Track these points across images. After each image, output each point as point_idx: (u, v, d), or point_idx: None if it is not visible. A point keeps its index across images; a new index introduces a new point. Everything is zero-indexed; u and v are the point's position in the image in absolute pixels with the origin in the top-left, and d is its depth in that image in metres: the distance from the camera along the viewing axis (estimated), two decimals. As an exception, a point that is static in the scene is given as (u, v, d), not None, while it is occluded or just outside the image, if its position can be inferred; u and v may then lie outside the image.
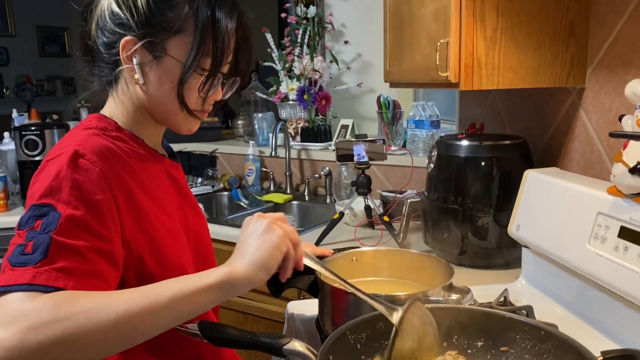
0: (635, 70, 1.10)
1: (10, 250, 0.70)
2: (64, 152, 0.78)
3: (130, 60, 0.84)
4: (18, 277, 0.66)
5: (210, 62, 0.85)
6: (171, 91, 0.85)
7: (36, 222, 0.71)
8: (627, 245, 0.93)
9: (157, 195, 0.88)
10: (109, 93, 0.91)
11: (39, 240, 0.69)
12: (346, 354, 0.79)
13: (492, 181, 1.35)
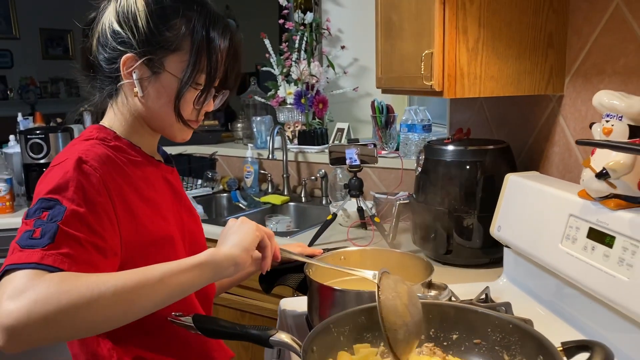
0: (608, 79, 1.17)
1: (18, 236, 0.76)
2: (69, 157, 0.85)
3: (130, 75, 0.91)
4: (27, 257, 0.72)
5: (204, 78, 0.93)
6: (168, 104, 0.92)
7: (43, 213, 0.78)
8: (594, 245, 0.99)
9: (153, 199, 0.95)
10: (108, 104, 0.98)
11: (46, 227, 0.76)
12: (329, 345, 0.85)
13: (476, 184, 1.42)
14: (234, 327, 0.82)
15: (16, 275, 0.71)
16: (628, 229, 0.92)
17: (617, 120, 0.95)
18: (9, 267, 0.72)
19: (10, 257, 0.74)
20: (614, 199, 0.97)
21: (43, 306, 0.68)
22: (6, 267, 0.72)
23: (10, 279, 0.71)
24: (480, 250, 1.44)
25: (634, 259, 0.90)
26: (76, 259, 0.76)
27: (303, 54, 2.54)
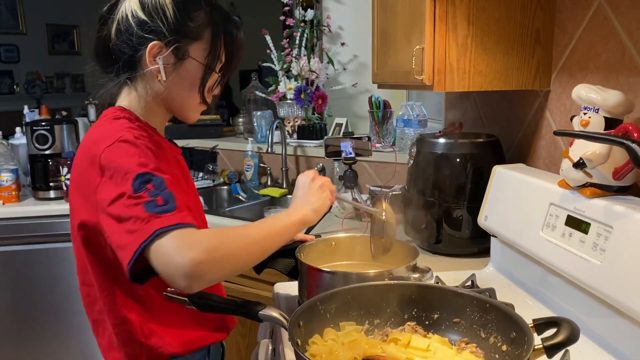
0: (591, 75, 1.21)
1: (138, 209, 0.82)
2: (121, 136, 0.90)
3: (154, 61, 0.97)
4: (170, 220, 0.81)
5: (219, 65, 1.03)
6: (191, 88, 1.01)
7: (148, 185, 0.84)
8: (571, 232, 1.04)
9: (175, 175, 1.01)
10: (123, 89, 1.03)
11: (164, 195, 0.83)
12: (315, 321, 0.90)
13: (466, 176, 1.46)
14: (226, 302, 0.87)
15: (174, 234, 0.80)
16: (602, 215, 0.96)
17: (594, 112, 1.00)
18: (159, 230, 0.79)
19: (152, 223, 0.80)
20: (590, 187, 1.01)
21: (214, 253, 0.80)
22: (157, 231, 0.79)
23: (171, 238, 0.79)
24: (469, 240, 1.48)
25: (607, 244, 0.94)
26: (193, 216, 0.85)
27: (303, 50, 2.59)
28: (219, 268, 0.82)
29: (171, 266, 0.78)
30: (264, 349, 1.12)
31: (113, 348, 1.01)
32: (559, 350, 0.76)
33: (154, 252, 0.79)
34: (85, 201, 0.93)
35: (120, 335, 0.99)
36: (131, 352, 0.99)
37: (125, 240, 0.82)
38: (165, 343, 0.99)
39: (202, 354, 1.07)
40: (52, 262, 2.30)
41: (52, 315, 2.35)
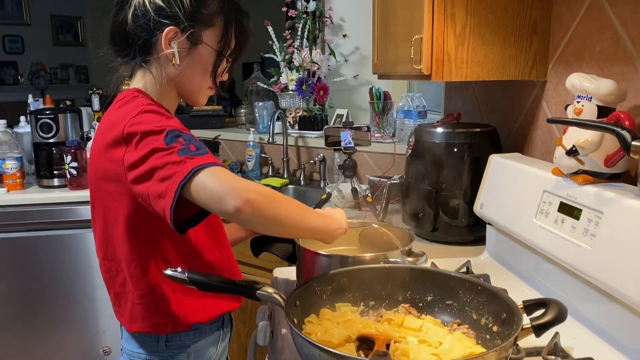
0: (586, 65, 1.23)
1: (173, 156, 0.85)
2: (144, 108, 0.95)
3: (169, 45, 1.01)
4: (206, 159, 0.85)
5: (230, 51, 1.07)
6: (203, 72, 1.05)
7: (179, 139, 0.88)
8: (564, 218, 1.06)
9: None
10: (137, 72, 1.06)
11: (196, 143, 0.88)
12: (311, 301, 0.93)
13: (463, 165, 1.48)
14: (225, 281, 0.90)
15: (211, 170, 0.83)
16: (593, 201, 0.99)
17: (586, 101, 1.02)
18: (196, 168, 0.83)
19: (188, 163, 0.84)
20: (583, 174, 1.03)
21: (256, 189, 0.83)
22: (195, 169, 0.83)
23: (209, 173, 0.83)
24: (465, 228, 1.51)
25: (597, 229, 0.96)
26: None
27: (305, 42, 2.61)
28: (265, 206, 0.84)
29: (220, 192, 0.81)
30: (263, 331, 1.15)
31: (137, 319, 1.04)
32: (546, 329, 0.78)
33: (194, 188, 0.83)
34: (114, 174, 0.96)
35: (147, 305, 1.03)
36: (157, 321, 1.03)
37: (163, 187, 0.85)
38: (189, 312, 1.04)
39: (217, 325, 1.12)
40: (55, 249, 2.33)
41: (56, 301, 2.39)
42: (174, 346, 1.05)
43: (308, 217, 0.95)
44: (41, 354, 2.42)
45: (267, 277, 1.90)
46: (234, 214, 0.81)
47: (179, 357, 1.06)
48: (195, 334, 1.07)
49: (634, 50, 1.08)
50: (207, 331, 1.09)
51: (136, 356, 1.07)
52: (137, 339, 1.07)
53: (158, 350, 1.05)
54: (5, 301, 2.36)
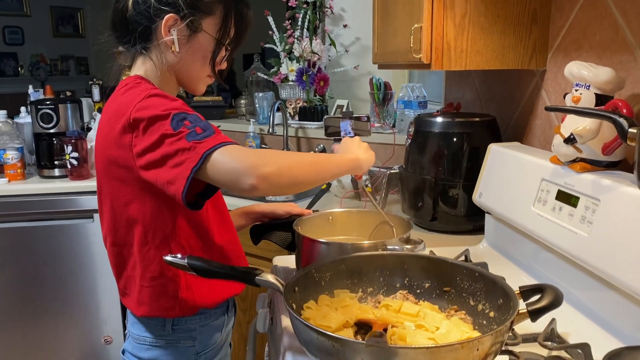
0: (585, 54, 1.23)
1: (182, 143, 0.87)
2: (149, 92, 0.96)
3: (168, 33, 1.01)
4: (214, 141, 0.87)
5: (229, 40, 1.07)
6: (202, 60, 1.05)
7: (185, 122, 0.89)
8: (561, 206, 1.07)
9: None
10: (138, 59, 1.07)
11: (202, 124, 0.89)
12: (310, 288, 0.94)
13: (462, 155, 1.49)
14: (224, 267, 0.90)
15: (222, 150, 0.86)
16: (590, 189, 0.99)
17: (584, 89, 1.02)
18: (207, 152, 0.85)
19: (198, 148, 0.86)
20: (580, 162, 1.04)
21: (269, 159, 0.87)
22: (205, 153, 0.85)
23: (221, 153, 0.86)
24: (464, 217, 1.51)
25: (594, 217, 0.97)
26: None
27: (305, 32, 2.60)
28: (279, 174, 0.87)
29: (234, 173, 0.85)
30: (262, 318, 1.16)
31: (144, 303, 1.05)
32: (542, 314, 0.79)
33: (210, 170, 0.86)
34: (123, 159, 0.97)
35: (155, 288, 1.04)
36: (165, 304, 1.05)
37: (174, 173, 0.87)
38: (197, 295, 1.05)
39: (222, 310, 1.14)
40: (56, 239, 2.35)
41: (57, 291, 2.40)
42: (179, 330, 1.07)
43: (324, 170, 0.99)
44: (42, 344, 2.44)
45: (267, 266, 1.91)
46: (250, 191, 0.85)
47: (184, 341, 1.07)
48: (201, 318, 1.08)
49: (633, 39, 1.08)
50: (213, 315, 1.11)
51: (142, 340, 1.08)
52: (143, 323, 1.08)
53: (164, 335, 1.07)
54: (6, 291, 2.37)
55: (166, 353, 1.07)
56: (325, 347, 0.74)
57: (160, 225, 1.02)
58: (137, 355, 1.09)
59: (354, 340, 0.74)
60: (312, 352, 0.78)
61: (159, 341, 1.07)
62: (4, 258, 2.34)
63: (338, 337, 0.72)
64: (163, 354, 1.07)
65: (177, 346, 1.07)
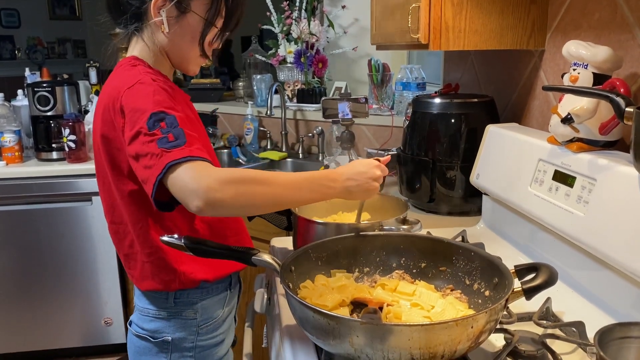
0: (584, 34, 1.22)
1: (152, 146, 0.89)
2: (140, 79, 0.97)
3: (158, 13, 1.02)
4: (180, 153, 0.87)
5: (221, 21, 1.06)
6: (192, 40, 1.05)
7: (161, 124, 0.90)
8: (558, 186, 1.07)
9: (189, 118, 1.06)
10: (132, 39, 1.08)
11: (175, 132, 0.90)
12: (307, 268, 0.95)
13: (460, 136, 1.49)
14: (221, 247, 0.91)
15: (186, 165, 0.86)
16: (587, 169, 0.99)
17: (582, 68, 1.02)
18: (171, 163, 0.86)
19: (164, 158, 0.87)
20: (577, 142, 1.04)
21: (226, 186, 0.85)
22: (169, 164, 0.86)
23: (183, 169, 0.86)
24: (462, 199, 1.52)
25: (590, 196, 0.97)
26: (205, 151, 0.91)
27: (304, 13, 2.58)
28: (231, 201, 0.86)
29: (186, 191, 0.86)
30: (260, 298, 1.17)
31: (147, 277, 1.09)
32: (537, 292, 0.80)
33: (170, 182, 0.88)
34: (113, 140, 1.00)
35: (154, 263, 1.07)
36: (166, 278, 1.07)
37: (146, 175, 0.90)
38: (195, 269, 1.07)
39: (225, 285, 1.16)
40: (55, 221, 2.35)
41: (57, 274, 2.42)
42: (181, 303, 1.10)
43: (292, 195, 0.94)
44: (42, 326, 2.46)
45: (265, 248, 1.92)
46: (197, 212, 0.86)
47: (186, 313, 1.10)
48: (202, 292, 1.11)
49: (632, 17, 1.07)
50: (214, 290, 1.13)
51: (146, 312, 1.11)
52: (147, 296, 1.11)
53: (167, 307, 1.10)
54: (5, 274, 2.39)
55: (169, 324, 1.10)
56: (321, 325, 0.74)
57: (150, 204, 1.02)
58: (142, 326, 1.12)
59: (349, 317, 0.74)
60: (308, 331, 0.79)
61: (162, 313, 1.10)
62: (3, 241, 2.35)
63: (333, 314, 0.73)
64: (166, 325, 1.10)
65: (179, 318, 1.10)
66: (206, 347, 1.12)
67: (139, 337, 1.12)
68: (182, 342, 1.10)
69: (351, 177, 0.98)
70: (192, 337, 1.10)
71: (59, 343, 2.48)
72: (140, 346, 1.12)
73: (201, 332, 1.11)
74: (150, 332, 1.11)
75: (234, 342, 1.29)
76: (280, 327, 0.99)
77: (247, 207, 0.93)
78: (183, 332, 1.10)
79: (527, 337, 0.87)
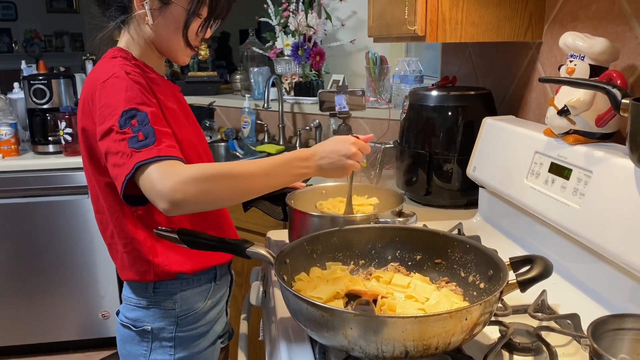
0: (581, 25, 1.21)
1: (123, 145, 0.90)
2: (115, 72, 0.97)
3: (142, 5, 1.01)
4: (149, 153, 0.88)
5: (206, 10, 1.05)
6: (176, 31, 1.04)
7: (132, 121, 0.91)
8: (554, 178, 1.06)
9: (172, 109, 1.07)
10: (120, 31, 1.08)
11: (145, 130, 0.90)
12: (302, 260, 0.94)
13: (456, 129, 1.48)
14: (215, 239, 0.90)
15: (155, 166, 0.88)
16: (583, 161, 0.99)
17: (579, 60, 1.01)
18: (139, 164, 0.88)
19: (133, 158, 0.88)
20: (574, 134, 1.03)
21: (191, 185, 0.86)
22: (137, 165, 0.88)
23: (153, 170, 0.87)
24: (458, 192, 1.51)
25: (586, 189, 0.97)
26: (176, 148, 0.92)
27: (301, 6, 2.56)
28: (195, 200, 0.88)
29: (153, 192, 0.87)
30: (255, 291, 1.16)
31: (125, 267, 1.10)
32: (531, 284, 0.79)
33: (139, 182, 0.89)
34: (91, 132, 1.01)
35: (130, 254, 1.08)
36: (141, 269, 1.08)
37: (115, 173, 0.92)
38: (170, 261, 1.07)
39: (209, 277, 1.15)
40: (52, 214, 2.35)
41: (54, 267, 2.41)
42: (160, 293, 1.10)
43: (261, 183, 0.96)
44: (40, 319, 2.46)
45: (262, 241, 1.92)
46: (165, 213, 0.88)
47: (165, 303, 1.10)
48: (182, 283, 1.10)
49: (629, 8, 1.06)
50: (195, 282, 1.12)
51: (128, 301, 1.13)
52: (129, 285, 1.13)
53: (147, 296, 1.10)
54: (3, 267, 2.38)
55: (148, 314, 1.10)
56: (314, 317, 0.74)
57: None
58: (126, 315, 1.14)
59: (342, 309, 0.74)
60: (302, 323, 0.79)
61: (142, 302, 1.11)
62: (0, 234, 2.34)
63: (327, 307, 0.72)
64: (146, 315, 1.11)
65: (158, 308, 1.10)
66: (186, 339, 1.12)
67: (123, 326, 1.14)
68: (161, 332, 1.11)
69: (325, 156, 1.00)
70: (171, 327, 1.11)
71: (56, 336, 2.49)
72: (125, 334, 1.14)
73: (180, 323, 1.11)
74: (132, 321, 1.12)
75: (230, 335, 1.29)
76: (275, 320, 0.99)
77: (214, 203, 0.95)
78: (162, 322, 1.10)
79: (522, 330, 0.87)
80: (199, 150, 1.12)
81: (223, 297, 1.21)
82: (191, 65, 3.14)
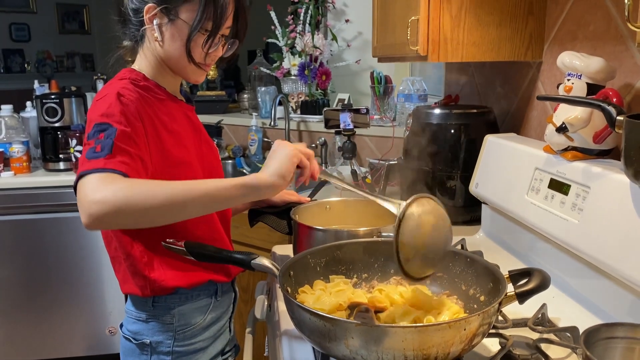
0: (580, 45, 1.24)
1: (83, 154, 0.94)
2: (110, 92, 1.01)
3: (151, 22, 1.05)
4: (94, 165, 0.90)
5: (211, 24, 1.06)
6: (182, 47, 1.07)
7: (100, 135, 0.95)
8: (553, 194, 1.08)
9: (176, 131, 1.09)
10: (138, 50, 1.11)
11: (104, 143, 0.93)
12: (306, 273, 0.96)
13: (459, 146, 1.51)
14: (221, 252, 0.93)
15: (91, 177, 0.89)
16: (581, 177, 1.01)
17: (576, 78, 1.04)
18: (82, 173, 0.90)
19: (81, 167, 0.92)
20: (572, 151, 1.06)
21: (120, 201, 0.86)
22: (80, 174, 0.91)
23: (87, 180, 0.89)
24: (462, 208, 1.53)
25: (584, 204, 0.99)
26: (130, 166, 0.93)
27: (308, 27, 2.62)
28: (117, 216, 0.87)
29: (81, 203, 0.88)
30: (260, 304, 1.18)
31: (127, 280, 1.11)
32: (529, 296, 0.81)
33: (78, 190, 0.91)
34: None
35: (130, 268, 1.10)
36: (140, 283, 1.09)
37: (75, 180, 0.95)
38: (167, 277, 1.08)
39: (209, 293, 1.15)
40: (62, 231, 2.38)
41: (62, 283, 2.44)
42: (159, 307, 1.11)
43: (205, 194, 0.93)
44: (47, 335, 2.47)
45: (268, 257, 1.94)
46: (86, 227, 0.89)
47: (164, 317, 1.11)
48: (180, 297, 1.11)
49: (625, 29, 1.09)
50: (193, 297, 1.12)
51: (130, 314, 1.15)
52: (131, 298, 1.15)
53: (146, 310, 1.12)
54: (12, 282, 2.41)
55: (148, 327, 1.12)
56: (317, 328, 0.76)
57: None
58: (127, 327, 1.15)
59: (344, 319, 0.76)
60: (305, 334, 0.81)
61: (142, 315, 1.12)
62: (10, 249, 2.38)
63: (329, 317, 0.74)
64: (145, 328, 1.12)
65: (157, 322, 1.11)
66: (184, 353, 1.13)
67: (125, 338, 1.15)
68: (160, 346, 1.12)
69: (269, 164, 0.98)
70: (169, 341, 1.11)
71: (64, 352, 2.50)
72: (126, 347, 1.15)
73: (178, 337, 1.12)
74: (133, 334, 1.13)
75: (236, 351, 1.29)
76: (279, 333, 1.01)
77: (140, 222, 0.93)
78: (160, 336, 1.11)
79: (522, 342, 0.88)
80: (195, 170, 1.11)
81: (226, 314, 1.21)
82: (200, 84, 3.20)
